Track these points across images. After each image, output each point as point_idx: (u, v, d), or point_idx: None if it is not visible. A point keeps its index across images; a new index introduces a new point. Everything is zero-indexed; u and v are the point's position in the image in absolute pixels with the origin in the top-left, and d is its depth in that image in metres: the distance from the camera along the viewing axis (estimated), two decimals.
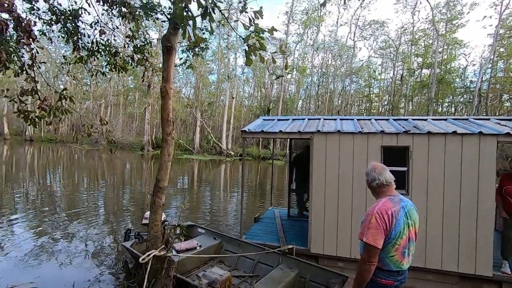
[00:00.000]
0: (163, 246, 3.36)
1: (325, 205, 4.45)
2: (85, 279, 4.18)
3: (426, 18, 31.04)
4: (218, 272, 3.58)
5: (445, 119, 5.06)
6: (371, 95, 37.95)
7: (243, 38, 2.14)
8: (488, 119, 4.89)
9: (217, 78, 34.57)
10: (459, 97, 31.59)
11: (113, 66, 5.30)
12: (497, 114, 26.34)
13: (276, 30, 2.11)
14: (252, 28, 2.11)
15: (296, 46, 36.33)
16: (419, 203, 4.07)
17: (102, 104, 34.23)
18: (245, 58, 2.38)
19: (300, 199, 6.63)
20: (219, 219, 7.83)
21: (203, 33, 3.84)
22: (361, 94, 38.77)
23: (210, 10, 1.92)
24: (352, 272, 4.05)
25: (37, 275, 4.25)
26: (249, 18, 2.06)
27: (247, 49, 2.23)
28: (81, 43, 4.75)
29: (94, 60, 5.26)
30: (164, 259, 3.19)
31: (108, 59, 5.19)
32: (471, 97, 27.25)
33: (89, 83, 34.00)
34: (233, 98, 31.51)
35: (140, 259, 3.10)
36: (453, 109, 32.97)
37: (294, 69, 35.58)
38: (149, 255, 3.11)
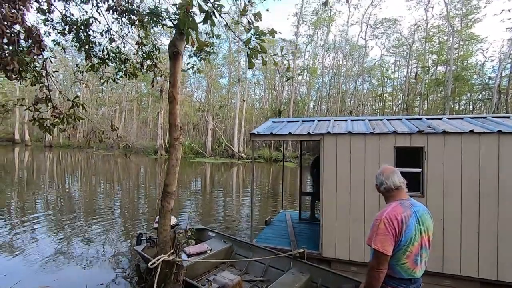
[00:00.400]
0: (172, 250, 3.37)
1: (337, 208, 4.35)
2: (98, 282, 4.26)
3: (440, 14, 30.17)
4: (229, 276, 3.56)
5: (462, 118, 4.87)
6: (385, 95, 37.18)
7: (243, 42, 2.13)
8: (508, 117, 4.67)
9: (228, 81, 34.82)
10: (477, 94, 30.50)
11: (123, 72, 5.41)
12: None
13: (276, 33, 2.08)
14: (253, 31, 2.09)
15: (306, 47, 36.14)
16: (435, 206, 3.92)
17: (117, 110, 35.12)
18: (247, 62, 2.36)
19: (314, 201, 6.53)
20: (231, 223, 7.82)
21: (210, 38, 3.85)
22: (374, 93, 38.07)
23: (211, 14, 1.91)
24: (364, 277, 3.94)
25: (54, 278, 4.37)
26: (248, 21, 2.04)
27: (248, 52, 2.21)
28: (93, 51, 4.88)
29: (105, 67, 5.40)
30: (173, 263, 3.20)
31: (119, 66, 5.30)
32: (490, 94, 26.25)
33: (104, 90, 35.01)
34: (244, 101, 31.63)
35: (149, 264, 3.11)
36: (471, 106, 31.85)
37: (305, 70, 35.37)
38: (158, 259, 3.13)
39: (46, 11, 4.06)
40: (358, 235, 4.20)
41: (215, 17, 1.94)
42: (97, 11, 4.36)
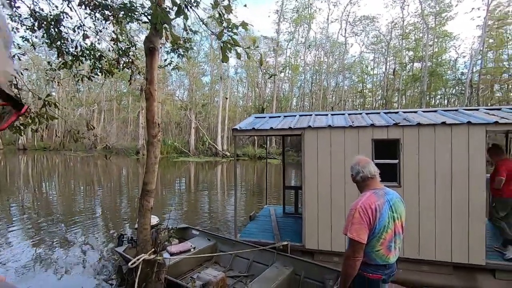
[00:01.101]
0: (153, 249, 3.32)
1: (318, 200, 4.44)
2: (78, 286, 4.12)
3: (415, 12, 31.18)
4: (212, 273, 3.54)
5: (435, 111, 5.07)
6: (365, 91, 38.09)
7: (216, 35, 2.12)
8: (477, 109, 4.91)
9: (211, 79, 34.52)
10: (451, 89, 31.86)
11: (99, 70, 5.24)
12: (488, 104, 26.58)
13: (248, 25, 2.08)
14: (225, 24, 2.08)
15: (288, 44, 36.37)
16: (411, 195, 4.08)
17: (95, 110, 33.96)
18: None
19: (298, 196, 6.61)
20: (216, 220, 7.79)
21: (187, 34, 3.80)
22: (354, 90, 38.90)
23: (184, 7, 1.89)
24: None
25: (34, 285, 4.17)
26: (219, 13, 2.03)
27: (222, 46, 2.20)
28: (65, 48, 4.69)
29: (79, 64, 5.21)
30: (154, 262, 3.15)
31: (94, 63, 5.13)
32: (463, 88, 27.48)
33: (81, 89, 33.72)
34: (226, 98, 31.45)
35: (130, 264, 3.05)
36: (445, 101, 33.24)
37: (287, 67, 35.61)
38: (138, 259, 3.07)
39: (9, 4, 3.86)
40: (339, 226, 4.30)
41: (188, 10, 1.92)
42: (68, 6, 4.19)
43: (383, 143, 4.32)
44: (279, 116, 5.89)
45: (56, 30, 4.36)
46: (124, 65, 5.73)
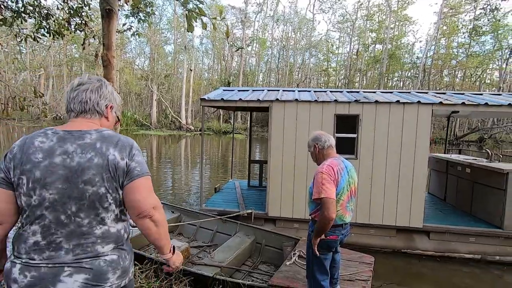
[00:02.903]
0: None
1: (282, 170, 4.65)
2: None
3: None
4: (176, 244, 3.60)
5: (391, 92, 5.46)
6: (329, 69, 39.06)
7: (181, 2, 2.01)
8: (427, 93, 5.39)
9: (174, 48, 32.61)
10: (407, 72, 33.98)
11: (46, 30, 4.70)
12: (437, 88, 29.02)
13: None
14: None
15: (256, 16, 35.37)
16: (366, 167, 4.46)
17: (41, 75, 30.51)
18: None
19: (263, 169, 6.81)
20: (180, 193, 7.78)
21: None
22: (319, 68, 39.68)
23: None
24: (305, 232, 4.38)
25: None
26: None
27: (187, 14, 2.11)
28: (3, 2, 4.10)
29: (22, 22, 4.61)
30: None
31: (39, 22, 4.57)
32: (417, 72, 29.48)
33: (24, 51, 29.80)
34: (191, 70, 30.21)
35: None
36: (401, 83, 35.50)
37: (254, 41, 34.88)
38: None
39: None
40: (301, 195, 4.59)
41: None
42: None
43: (344, 118, 4.58)
44: (248, 90, 5.89)
45: None
46: (76, 26, 5.19)
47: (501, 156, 5.38)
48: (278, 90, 5.73)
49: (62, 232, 1.06)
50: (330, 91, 5.51)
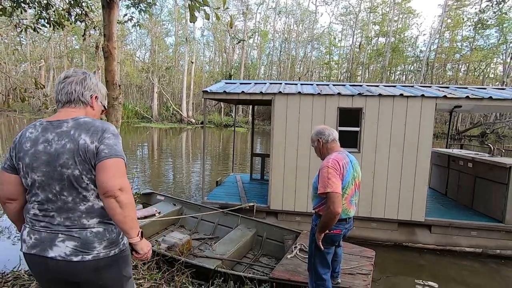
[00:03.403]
0: None
1: (285, 164, 4.64)
2: None
3: None
4: (178, 236, 3.61)
5: (394, 86, 5.40)
6: (331, 63, 38.72)
7: None
8: (430, 86, 5.34)
9: (175, 40, 32.31)
10: (409, 65, 33.65)
11: (46, 21, 4.63)
12: (440, 83, 28.77)
13: None
14: None
15: (258, 8, 34.95)
16: (368, 161, 4.44)
17: (42, 67, 30.35)
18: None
19: (265, 162, 6.80)
20: (181, 187, 7.80)
21: None
22: (321, 61, 39.34)
23: None
24: (307, 225, 4.39)
25: None
26: None
27: (190, 4, 2.07)
28: None
29: (21, 13, 4.55)
30: None
31: (39, 12, 4.51)
32: (420, 66, 29.17)
33: (24, 42, 29.59)
34: (192, 62, 29.99)
35: None
36: (404, 77, 35.19)
37: (256, 33, 34.53)
38: None
39: None
40: (303, 189, 4.59)
41: None
42: None
43: (346, 112, 4.54)
44: (250, 83, 5.83)
45: None
46: (77, 17, 5.11)
47: (503, 150, 5.35)
48: (281, 83, 5.68)
49: (53, 208, 1.25)
50: (333, 85, 5.46)
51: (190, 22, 2.25)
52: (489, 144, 5.44)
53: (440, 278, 3.78)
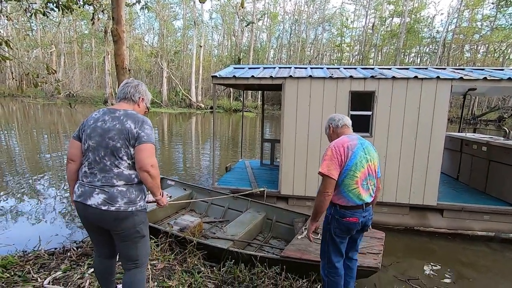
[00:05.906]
0: None
1: (296, 148, 4.61)
2: (52, 233, 4.11)
3: None
4: (189, 219, 3.70)
5: (407, 68, 5.22)
6: (343, 45, 37.59)
7: None
8: (445, 68, 5.13)
9: (183, 24, 31.87)
10: (425, 47, 32.36)
11: (54, 4, 4.61)
12: (457, 65, 27.64)
13: None
14: None
15: None
16: (381, 145, 4.36)
17: (53, 52, 30.61)
18: None
19: (275, 148, 6.78)
20: (191, 172, 7.90)
21: None
22: (333, 43, 38.23)
23: None
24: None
25: (5, 236, 4.09)
26: None
27: None
28: None
29: None
30: None
31: None
32: (436, 47, 28.01)
33: (35, 27, 29.77)
34: (201, 46, 29.67)
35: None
36: (418, 59, 33.95)
37: (265, 15, 33.65)
38: None
39: None
40: (314, 173, 4.58)
41: None
42: None
43: (359, 95, 4.43)
44: (259, 68, 5.73)
45: None
46: (85, 0, 5.07)
47: None
48: (290, 68, 5.55)
49: (96, 168, 1.73)
50: (344, 68, 5.31)
51: (200, 2, 2.20)
52: (505, 128, 5.26)
53: (450, 262, 3.78)
